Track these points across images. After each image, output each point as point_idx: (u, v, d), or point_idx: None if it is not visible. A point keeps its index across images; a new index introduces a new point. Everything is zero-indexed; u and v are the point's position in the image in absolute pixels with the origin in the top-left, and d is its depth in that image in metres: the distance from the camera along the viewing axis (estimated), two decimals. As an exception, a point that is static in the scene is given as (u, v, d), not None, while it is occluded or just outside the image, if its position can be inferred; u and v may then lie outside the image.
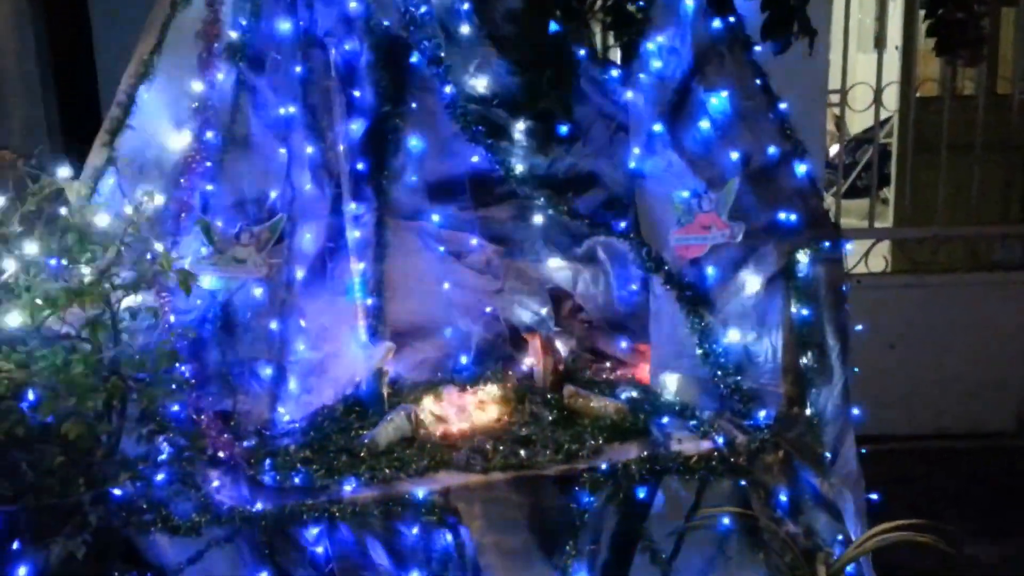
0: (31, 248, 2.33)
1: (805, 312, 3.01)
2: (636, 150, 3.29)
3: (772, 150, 3.12)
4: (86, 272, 2.30)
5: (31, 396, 2.21)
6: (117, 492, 2.46)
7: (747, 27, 3.22)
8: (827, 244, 3.09)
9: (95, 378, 2.31)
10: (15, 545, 2.39)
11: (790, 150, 3.14)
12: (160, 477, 2.62)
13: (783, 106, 3.17)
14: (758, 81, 3.18)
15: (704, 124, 3.15)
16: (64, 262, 2.28)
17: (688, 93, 3.17)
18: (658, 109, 3.22)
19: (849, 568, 2.89)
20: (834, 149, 6.09)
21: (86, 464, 2.35)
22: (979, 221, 5.04)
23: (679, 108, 3.20)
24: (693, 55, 3.16)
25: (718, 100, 3.13)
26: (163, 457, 2.60)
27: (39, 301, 2.18)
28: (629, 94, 3.27)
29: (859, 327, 3.25)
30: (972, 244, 5.10)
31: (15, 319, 2.24)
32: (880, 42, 5.23)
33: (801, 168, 3.14)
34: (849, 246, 3.31)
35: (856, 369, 3.24)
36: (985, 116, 4.95)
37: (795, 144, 3.15)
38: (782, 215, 3.09)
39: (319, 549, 2.77)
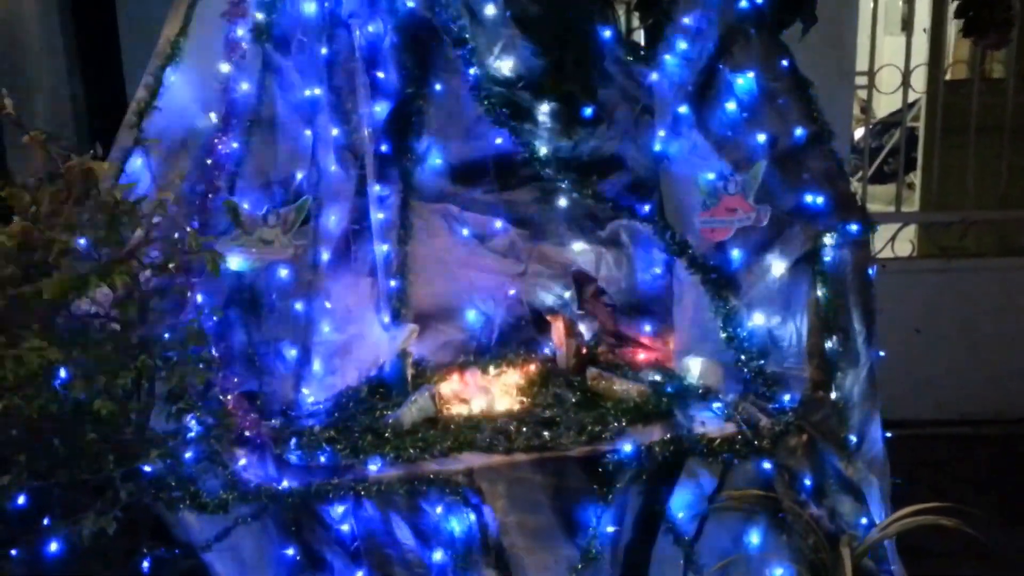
0: (61, 227, 2.36)
1: (831, 296, 3.00)
2: (661, 132, 3.28)
3: (799, 132, 3.10)
4: (115, 252, 2.32)
5: (63, 374, 2.24)
6: (147, 469, 2.49)
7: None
8: (854, 227, 3.07)
9: (124, 357, 2.33)
10: (46, 521, 2.43)
11: (817, 132, 3.11)
12: (188, 455, 2.64)
13: (811, 88, 3.14)
14: (785, 62, 3.15)
15: (730, 106, 3.13)
16: (93, 241, 2.30)
17: (714, 74, 3.14)
18: (684, 91, 3.20)
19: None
20: (859, 133, 6.03)
21: (117, 441, 2.38)
22: (1007, 205, 4.98)
23: (705, 89, 3.18)
24: (719, 36, 3.13)
25: (744, 81, 3.11)
26: (191, 435, 2.63)
27: (69, 280, 2.20)
28: (654, 76, 3.26)
29: (885, 311, 3.23)
30: (1000, 228, 5.05)
31: (45, 297, 2.26)
32: (908, 24, 5.16)
33: (828, 150, 3.11)
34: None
35: (881, 353, 3.22)
36: (1015, 99, 4.88)
37: (822, 126, 3.12)
38: (809, 198, 3.07)
39: (345, 527, 2.80)
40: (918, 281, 4.77)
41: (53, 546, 2.40)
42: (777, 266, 3.09)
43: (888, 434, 3.21)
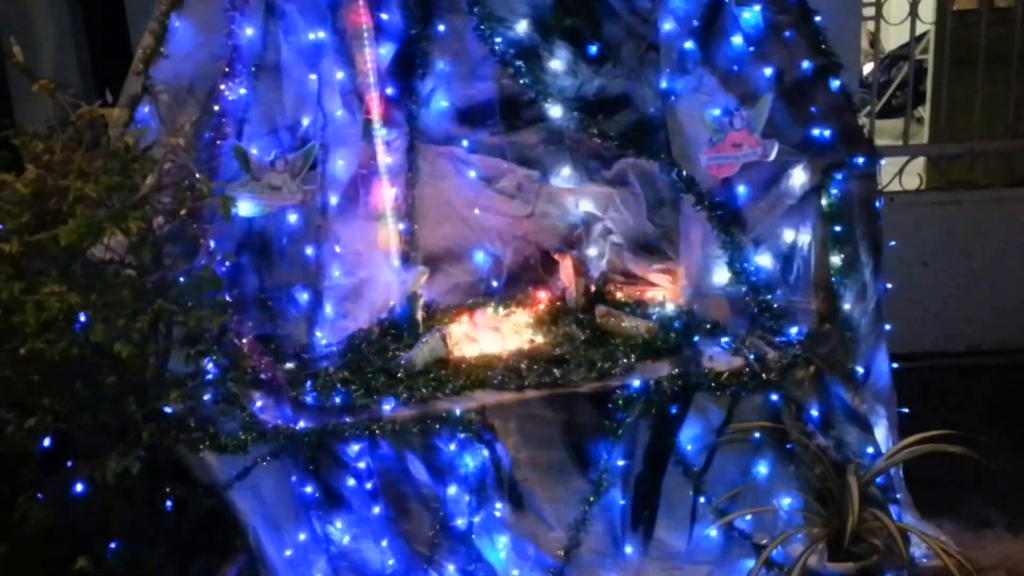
0: (74, 175, 2.37)
1: (838, 229, 3.00)
2: (667, 69, 3.25)
3: (806, 65, 3.07)
4: (128, 198, 2.34)
5: (82, 318, 2.27)
6: (168, 410, 2.53)
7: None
8: (861, 160, 3.06)
9: (141, 301, 2.36)
10: (71, 463, 2.49)
11: (824, 65, 3.09)
12: (207, 397, 2.69)
13: (818, 19, 3.11)
14: (792, -7, 3.12)
15: (736, 40, 3.10)
16: (106, 188, 2.32)
17: (720, 8, 3.11)
18: (689, 26, 3.17)
19: (879, 479, 2.94)
20: (867, 68, 5.96)
21: (137, 384, 2.43)
22: (1015, 136, 4.93)
23: (711, 24, 3.14)
24: (725, -32, 3.09)
25: (751, 14, 3.08)
26: (209, 378, 2.67)
27: (84, 226, 2.22)
28: (659, 11, 3.21)
29: (892, 243, 3.24)
30: (1008, 159, 5.01)
31: (62, 243, 2.29)
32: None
33: (835, 83, 3.10)
34: (883, 161, 3.27)
35: (889, 286, 3.24)
36: (1023, 28, 4.81)
37: (830, 58, 3.09)
38: (816, 131, 3.06)
39: (361, 465, 2.86)
40: (926, 214, 4.75)
41: (78, 487, 2.46)
42: (784, 200, 3.09)
43: (895, 365, 3.24)
